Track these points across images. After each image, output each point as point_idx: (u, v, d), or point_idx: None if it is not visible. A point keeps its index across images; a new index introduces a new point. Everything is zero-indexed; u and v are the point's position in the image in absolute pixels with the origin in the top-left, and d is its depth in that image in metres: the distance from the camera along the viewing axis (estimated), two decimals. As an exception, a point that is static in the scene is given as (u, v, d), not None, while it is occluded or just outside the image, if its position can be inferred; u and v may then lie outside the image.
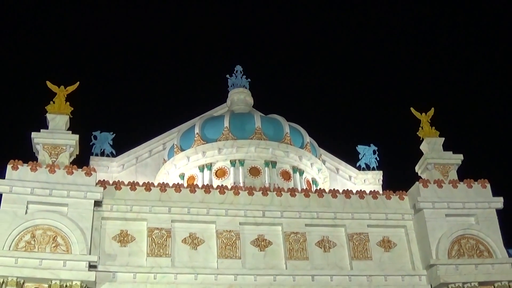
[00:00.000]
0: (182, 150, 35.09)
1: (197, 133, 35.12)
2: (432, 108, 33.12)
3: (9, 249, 24.68)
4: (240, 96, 39.30)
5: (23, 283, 24.32)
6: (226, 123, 35.12)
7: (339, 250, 29.12)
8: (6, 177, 26.32)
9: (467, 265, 28.29)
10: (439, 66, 63.75)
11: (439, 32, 66.01)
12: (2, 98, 55.06)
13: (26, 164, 26.80)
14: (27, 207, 25.95)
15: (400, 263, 29.29)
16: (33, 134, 28.06)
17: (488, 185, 30.55)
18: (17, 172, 26.49)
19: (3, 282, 23.87)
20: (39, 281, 24.48)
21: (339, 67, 65.00)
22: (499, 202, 30.10)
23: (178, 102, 57.09)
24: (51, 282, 24.38)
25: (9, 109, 52.91)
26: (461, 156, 31.63)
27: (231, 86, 40.21)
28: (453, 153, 31.80)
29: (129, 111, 57.91)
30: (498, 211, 30.10)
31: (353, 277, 28.20)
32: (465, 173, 31.33)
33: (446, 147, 32.12)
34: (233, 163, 33.93)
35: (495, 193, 30.41)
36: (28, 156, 28.15)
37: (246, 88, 40.00)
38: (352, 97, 61.87)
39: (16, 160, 26.78)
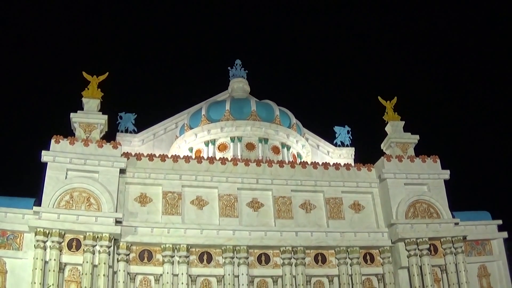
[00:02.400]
0: (191, 128, 35.53)
1: (203, 114, 35.55)
2: (395, 97, 33.52)
3: (53, 207, 25.66)
4: (239, 85, 39.54)
5: (64, 234, 25.25)
6: (227, 107, 35.50)
7: (318, 211, 29.87)
8: (50, 149, 27.05)
9: (420, 224, 29.23)
10: (403, 61, 64.20)
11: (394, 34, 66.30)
12: (47, 86, 55.42)
13: (66, 139, 27.48)
14: (66, 173, 26.75)
15: (367, 222, 30.16)
16: (72, 115, 28.69)
17: (438, 160, 31.25)
18: (59, 145, 27.22)
19: (48, 233, 24.87)
20: (76, 233, 25.46)
21: (321, 61, 65.50)
22: (446, 174, 30.90)
23: (188, 89, 57.17)
24: (86, 234, 25.31)
25: (52, 95, 53.28)
26: (417, 137, 32.19)
27: (231, 76, 40.29)
28: (411, 134, 32.33)
29: (148, 96, 58.10)
30: (446, 181, 30.88)
31: (329, 233, 29.08)
32: (420, 150, 32.00)
33: (405, 129, 32.61)
34: (232, 139, 34.47)
35: (444, 167, 31.15)
36: (68, 132, 28.79)
37: (244, 78, 40.10)
38: (332, 87, 62.37)
39: (58, 136, 27.47)
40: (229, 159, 30.50)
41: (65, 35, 62.70)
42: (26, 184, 35.56)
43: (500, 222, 31.46)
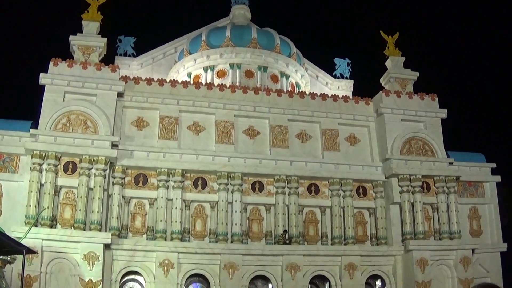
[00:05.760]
0: (190, 53, 35.05)
1: (203, 40, 35.02)
2: (397, 32, 32.96)
3: (50, 130, 25.51)
4: (240, 11, 38.74)
5: (60, 157, 25.23)
6: (228, 33, 34.98)
7: (314, 142, 29.80)
8: (48, 72, 26.67)
9: (414, 161, 29.30)
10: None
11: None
12: (46, 9, 54.22)
13: (65, 61, 27.06)
14: (64, 96, 26.46)
15: (362, 156, 30.16)
16: (71, 37, 28.13)
17: (436, 99, 31.06)
18: (57, 67, 26.83)
19: (45, 155, 24.83)
20: (72, 155, 25.41)
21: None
22: (443, 113, 30.75)
23: (188, 14, 56.38)
24: (82, 157, 25.28)
25: (52, 17, 52.24)
26: (417, 73, 31.85)
27: (233, 2, 39.39)
28: (411, 70, 31.97)
29: (148, 19, 57.24)
30: (443, 121, 30.76)
31: (324, 164, 29.08)
32: (419, 89, 31.68)
33: (406, 65, 32.20)
34: (231, 66, 34.04)
35: (441, 106, 30.95)
36: (67, 55, 28.35)
37: (246, 4, 39.27)
38: (334, 18, 61.28)
39: (57, 58, 27.05)
40: (228, 85, 30.24)
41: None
42: (23, 106, 35.54)
43: (494, 165, 31.67)
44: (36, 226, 23.66)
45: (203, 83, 30.86)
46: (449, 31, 60.58)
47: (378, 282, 28.78)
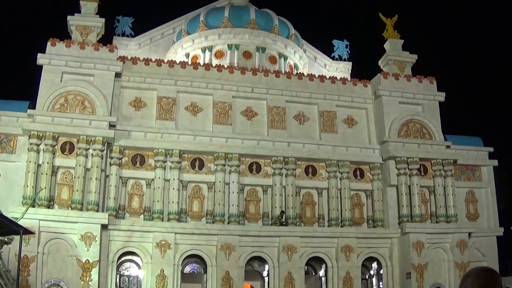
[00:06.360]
0: (188, 34, 34.75)
1: (201, 20, 34.72)
2: (396, 15, 32.73)
3: (47, 110, 25.42)
4: (239, -9, 38.35)
5: (58, 137, 25.17)
6: (226, 14, 34.65)
7: (312, 124, 29.73)
8: (46, 52, 26.52)
9: (412, 144, 29.30)
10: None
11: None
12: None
13: (62, 42, 26.93)
14: (62, 76, 26.33)
15: (359, 138, 30.11)
16: (69, 17, 27.95)
17: (435, 82, 30.97)
18: (55, 48, 26.69)
19: (42, 136, 24.74)
20: (70, 136, 25.35)
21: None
22: (441, 96, 30.70)
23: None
24: (79, 137, 25.20)
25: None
26: (415, 56, 31.75)
27: None
28: (410, 53, 31.85)
29: (146, 0, 57.01)
30: (440, 104, 30.67)
31: (321, 146, 29.06)
32: (418, 72, 31.48)
33: (404, 48, 32.08)
34: (230, 46, 33.77)
35: (439, 89, 30.88)
36: (65, 35, 28.17)
37: None
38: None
39: (54, 38, 26.89)
40: (226, 66, 30.17)
41: None
42: (21, 87, 35.31)
43: (491, 149, 31.69)
44: (33, 206, 23.62)
45: (201, 63, 30.75)
46: (448, 14, 60.28)
47: (375, 265, 28.95)
